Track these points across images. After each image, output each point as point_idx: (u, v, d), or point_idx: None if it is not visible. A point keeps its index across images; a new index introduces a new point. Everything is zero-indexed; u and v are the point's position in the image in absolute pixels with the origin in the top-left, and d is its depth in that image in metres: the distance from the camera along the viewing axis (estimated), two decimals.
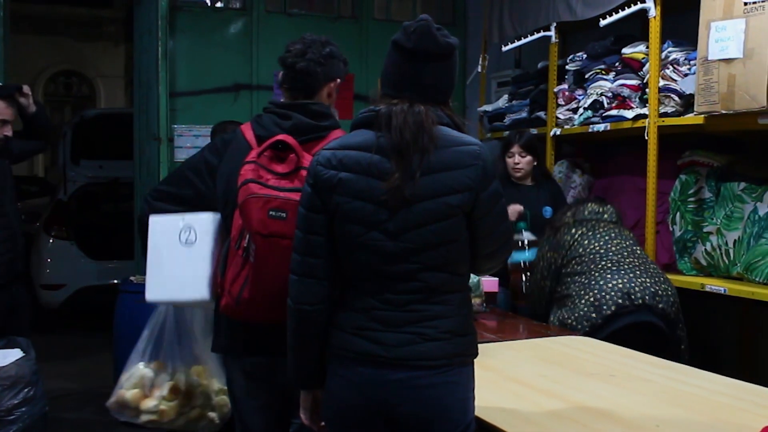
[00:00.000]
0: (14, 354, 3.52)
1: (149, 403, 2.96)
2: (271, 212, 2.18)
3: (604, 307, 3.31)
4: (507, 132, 5.19)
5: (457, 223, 1.95)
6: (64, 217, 7.32)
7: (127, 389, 2.97)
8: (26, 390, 3.41)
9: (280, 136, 2.27)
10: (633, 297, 3.31)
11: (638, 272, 3.41)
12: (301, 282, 2.02)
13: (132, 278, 4.78)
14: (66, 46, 16.52)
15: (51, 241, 7.17)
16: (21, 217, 8.17)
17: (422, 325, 1.95)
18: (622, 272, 3.40)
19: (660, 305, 3.32)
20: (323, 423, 2.14)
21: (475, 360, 2.06)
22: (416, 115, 1.95)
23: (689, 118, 3.70)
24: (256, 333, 2.38)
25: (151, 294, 2.51)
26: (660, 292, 3.36)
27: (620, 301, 3.30)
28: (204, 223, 2.43)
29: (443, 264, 1.96)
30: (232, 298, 2.31)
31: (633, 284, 3.34)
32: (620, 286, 3.34)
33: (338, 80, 2.46)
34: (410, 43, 1.96)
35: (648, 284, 3.36)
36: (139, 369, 2.96)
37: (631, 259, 3.48)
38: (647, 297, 3.31)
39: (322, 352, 2.06)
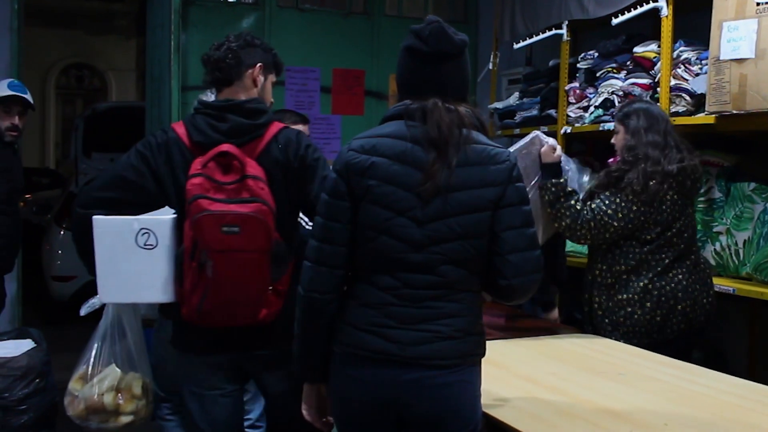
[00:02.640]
0: (26, 345, 3.55)
1: (130, 406, 2.77)
2: (224, 228, 2.19)
3: (668, 331, 3.19)
4: (517, 129, 5.19)
5: (485, 218, 1.96)
6: None
7: (101, 393, 2.75)
8: (37, 380, 3.43)
9: (224, 147, 2.29)
10: (695, 321, 3.21)
11: (697, 278, 3.26)
12: (313, 269, 2.01)
13: None
14: (78, 39, 16.58)
15: (62, 233, 7.22)
16: (32, 209, 8.17)
17: (437, 323, 1.96)
18: (693, 281, 3.23)
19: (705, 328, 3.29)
20: (327, 419, 2.15)
21: (485, 358, 2.07)
22: (452, 112, 1.97)
23: (700, 118, 3.69)
24: (219, 333, 2.40)
25: (109, 296, 2.46)
26: (707, 306, 3.28)
27: (683, 326, 3.18)
28: (164, 226, 2.37)
29: (463, 259, 1.96)
30: (192, 309, 2.32)
31: (698, 306, 3.22)
32: (688, 310, 3.19)
33: (260, 65, 2.48)
34: (427, 46, 1.97)
35: (707, 305, 3.26)
36: (115, 371, 2.76)
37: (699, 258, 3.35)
38: (702, 318, 3.25)
39: (329, 346, 2.05)
